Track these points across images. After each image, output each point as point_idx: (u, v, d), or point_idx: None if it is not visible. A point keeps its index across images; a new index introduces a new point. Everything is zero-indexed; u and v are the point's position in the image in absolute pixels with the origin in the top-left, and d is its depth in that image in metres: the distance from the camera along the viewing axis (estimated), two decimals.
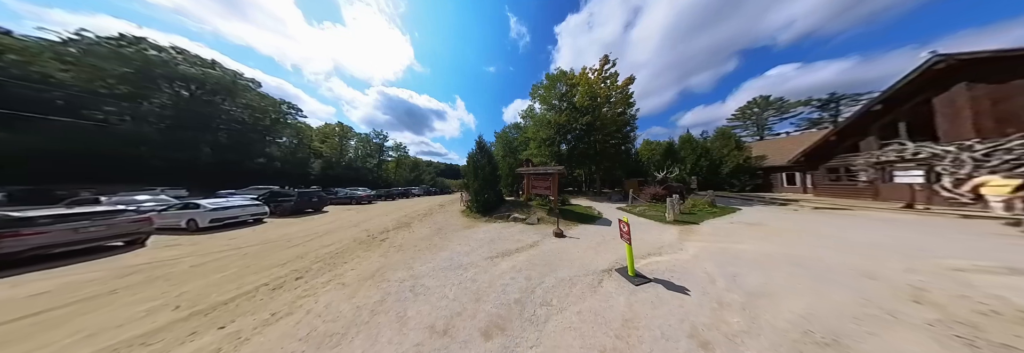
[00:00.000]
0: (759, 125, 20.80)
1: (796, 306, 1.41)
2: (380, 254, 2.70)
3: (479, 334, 1.27)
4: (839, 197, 6.71)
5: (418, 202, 10.84)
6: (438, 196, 18.63)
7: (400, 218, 5.41)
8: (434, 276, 2.07)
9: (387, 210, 7.41)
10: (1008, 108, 4.12)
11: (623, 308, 1.44)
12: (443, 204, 8.92)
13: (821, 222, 3.88)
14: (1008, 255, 2.13)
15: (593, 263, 2.24)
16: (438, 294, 1.74)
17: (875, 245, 2.56)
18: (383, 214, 6.33)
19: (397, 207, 8.38)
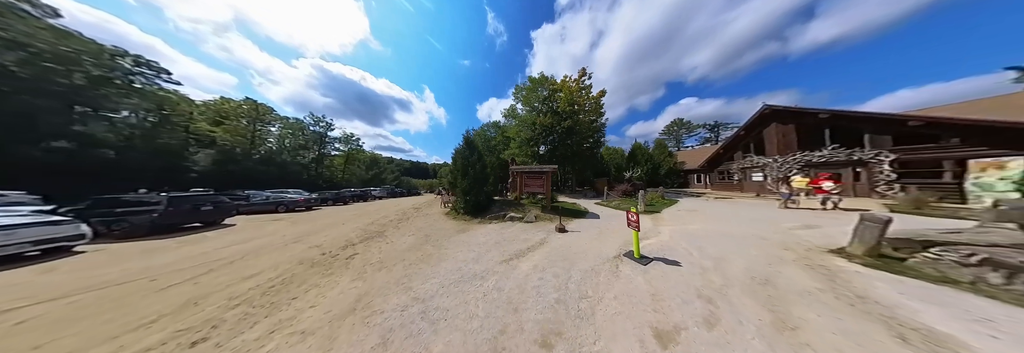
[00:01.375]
0: (677, 139, 28.91)
1: (739, 263, 2.14)
2: (353, 277, 2.08)
3: (538, 347, 1.12)
4: (724, 190, 10.51)
5: (383, 206, 9.44)
6: (406, 198, 16.54)
7: (366, 227, 4.52)
8: (447, 294, 1.68)
9: (342, 217, 6.10)
10: (790, 139, 7.88)
11: (645, 285, 1.72)
12: (418, 206, 8.09)
13: (722, 207, 5.75)
14: (804, 219, 3.93)
15: (603, 252, 2.51)
16: (463, 315, 1.40)
17: (754, 220, 4.07)
18: (338, 223, 5.15)
19: (356, 213, 6.95)
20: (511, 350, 1.12)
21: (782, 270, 1.95)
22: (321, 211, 7.88)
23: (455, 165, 6.01)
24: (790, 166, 7.38)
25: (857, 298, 1.51)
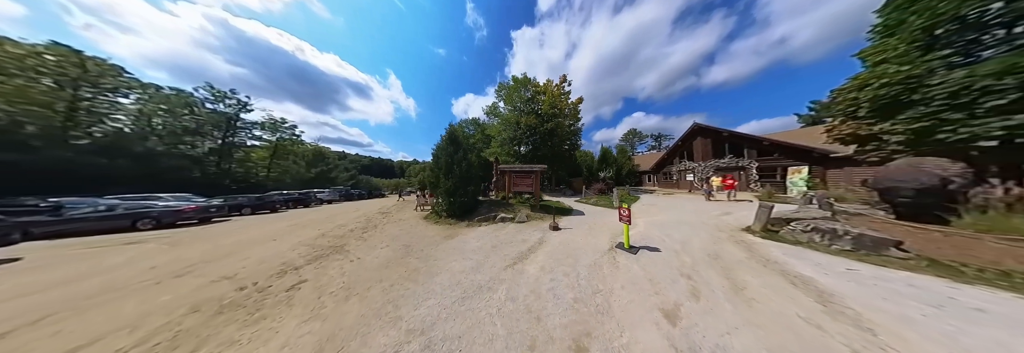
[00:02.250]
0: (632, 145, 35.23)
1: (696, 244, 2.81)
2: (304, 316, 1.45)
3: (568, 348, 1.13)
4: (667, 187, 13.55)
5: (336, 211, 7.70)
6: (367, 200, 14.01)
7: (314, 241, 3.55)
8: (453, 317, 1.39)
9: (271, 230, 4.55)
10: (708, 149, 10.75)
11: (641, 272, 2.00)
12: (386, 210, 6.97)
13: (670, 201, 7.19)
14: (722, 208, 5.29)
15: (598, 246, 2.76)
16: (481, 339, 1.20)
17: (694, 210, 5.34)
18: (264, 239, 3.76)
19: (295, 223, 5.40)
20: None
21: (722, 246, 2.68)
22: (232, 224, 5.80)
23: (437, 163, 5.44)
24: (708, 169, 10.20)
25: (766, 260, 2.24)
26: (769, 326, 1.30)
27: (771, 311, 1.45)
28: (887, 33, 3.75)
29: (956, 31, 3.22)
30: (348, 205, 10.40)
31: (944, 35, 3.29)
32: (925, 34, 3.35)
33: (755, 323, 1.33)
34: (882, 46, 3.71)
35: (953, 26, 3.21)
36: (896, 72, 3.34)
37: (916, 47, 3.40)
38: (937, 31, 3.30)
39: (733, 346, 1.16)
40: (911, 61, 3.36)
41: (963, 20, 3.14)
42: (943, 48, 3.30)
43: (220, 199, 7.29)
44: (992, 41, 3.08)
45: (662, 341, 1.18)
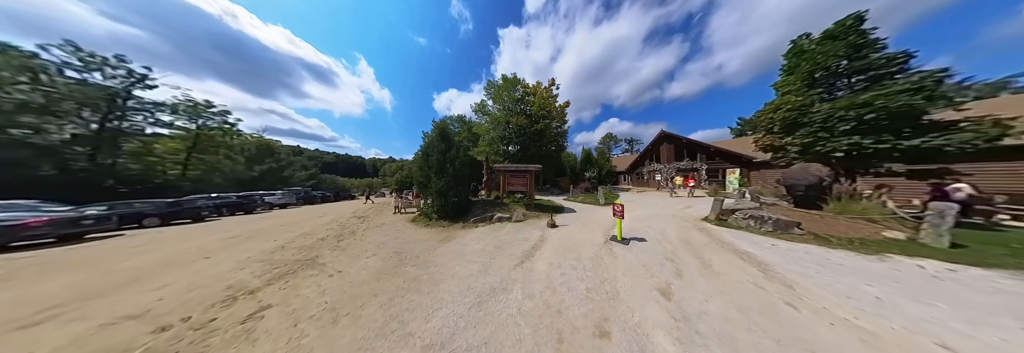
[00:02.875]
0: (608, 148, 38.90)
1: (671, 232, 3.41)
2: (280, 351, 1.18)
3: (599, 338, 1.20)
4: (640, 186, 15.47)
5: (294, 217, 6.67)
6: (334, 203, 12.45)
7: (269, 257, 2.79)
8: (472, 324, 1.33)
9: (191, 247, 3.43)
10: (671, 153, 12.81)
11: (635, 260, 2.35)
12: (362, 214, 6.34)
13: (645, 198, 8.49)
14: (685, 203, 6.42)
15: (595, 240, 3.08)
16: (509, 340, 1.19)
17: (665, 205, 6.31)
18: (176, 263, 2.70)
19: (231, 236, 4.17)
20: (579, 349, 1.14)
21: (690, 233, 3.32)
22: (128, 240, 4.18)
23: (427, 161, 5.16)
24: (672, 170, 12.15)
25: (722, 243, 2.89)
26: (732, 292, 1.75)
27: (731, 280, 1.94)
28: (789, 72, 5.06)
29: (825, 76, 4.57)
30: (310, 209, 9.09)
31: (819, 78, 4.62)
32: (809, 76, 4.64)
33: (722, 291, 1.77)
34: (786, 81, 5.02)
35: (824, 72, 4.54)
36: (794, 101, 4.58)
37: (805, 84, 4.69)
38: (816, 74, 4.60)
39: (711, 310, 1.53)
40: (802, 94, 4.65)
41: (828, 69, 4.49)
42: (818, 87, 4.65)
43: (101, 206, 5.23)
44: (843, 85, 4.53)
45: (664, 314, 1.46)
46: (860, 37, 4.24)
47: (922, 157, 3.68)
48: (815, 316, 1.44)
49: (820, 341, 1.21)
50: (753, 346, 1.19)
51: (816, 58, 4.54)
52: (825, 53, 4.42)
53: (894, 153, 3.76)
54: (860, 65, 4.23)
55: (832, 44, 4.42)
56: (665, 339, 1.24)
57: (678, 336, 1.25)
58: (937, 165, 3.73)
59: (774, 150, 5.26)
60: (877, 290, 1.69)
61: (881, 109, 3.64)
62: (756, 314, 1.46)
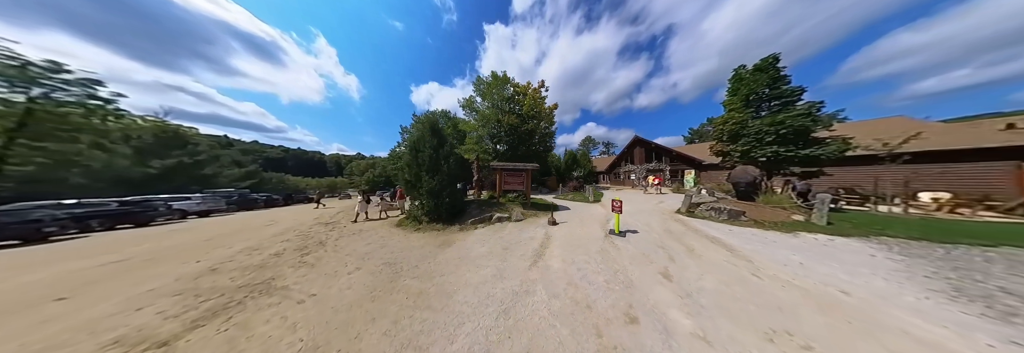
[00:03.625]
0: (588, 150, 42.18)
1: (656, 224, 3.97)
2: None
3: (630, 323, 1.33)
4: (617, 185, 17.25)
5: (225, 228, 5.08)
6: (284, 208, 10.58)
7: (192, 285, 2.07)
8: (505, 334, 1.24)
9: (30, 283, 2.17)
10: (643, 155, 14.81)
11: (635, 250, 2.70)
12: (330, 221, 5.40)
13: (625, 195, 9.50)
14: (659, 199, 7.52)
15: (595, 234, 3.37)
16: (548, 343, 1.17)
17: (643, 201, 7.18)
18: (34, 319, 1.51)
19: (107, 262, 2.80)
20: (619, 339, 1.19)
21: (670, 224, 3.92)
22: None
23: (416, 158, 4.73)
24: (643, 171, 14.01)
25: (696, 231, 3.51)
26: (714, 270, 2.19)
27: (711, 260, 2.40)
28: (733, 93, 6.49)
29: (755, 99, 6.10)
30: (249, 217, 7.27)
31: (752, 100, 6.13)
32: (746, 98, 6.12)
33: (707, 270, 2.19)
34: (731, 100, 6.47)
35: (755, 96, 6.08)
36: (737, 117, 6.02)
37: (743, 104, 6.16)
38: (750, 97, 6.10)
39: (705, 286, 1.89)
40: (741, 111, 6.11)
41: (757, 94, 6.04)
42: (751, 107, 6.17)
43: None
44: (766, 107, 6.14)
45: (671, 294, 1.73)
46: (777, 72, 6.01)
47: (809, 162, 5.33)
48: (771, 282, 1.94)
49: (780, 300, 1.65)
50: (742, 311, 1.53)
51: (750, 85, 6.07)
52: (755, 81, 5.98)
53: (795, 159, 5.36)
54: (776, 93, 5.99)
55: (760, 75, 5.97)
56: (680, 315, 1.47)
57: (688, 311, 1.50)
58: (816, 168, 5.51)
59: (723, 155, 6.82)
60: (799, 258, 2.39)
61: (788, 127, 5.40)
62: (735, 286, 1.87)
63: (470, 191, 7.68)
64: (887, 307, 1.52)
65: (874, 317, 1.42)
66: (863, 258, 2.30)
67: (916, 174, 5.42)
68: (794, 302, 1.61)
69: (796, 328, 1.33)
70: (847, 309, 1.50)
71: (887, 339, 1.23)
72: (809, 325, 1.36)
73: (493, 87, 13.92)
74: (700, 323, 1.38)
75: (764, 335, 1.29)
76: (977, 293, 1.65)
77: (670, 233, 3.41)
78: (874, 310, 1.48)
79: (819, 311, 1.49)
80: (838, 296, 1.67)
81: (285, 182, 20.83)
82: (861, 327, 1.33)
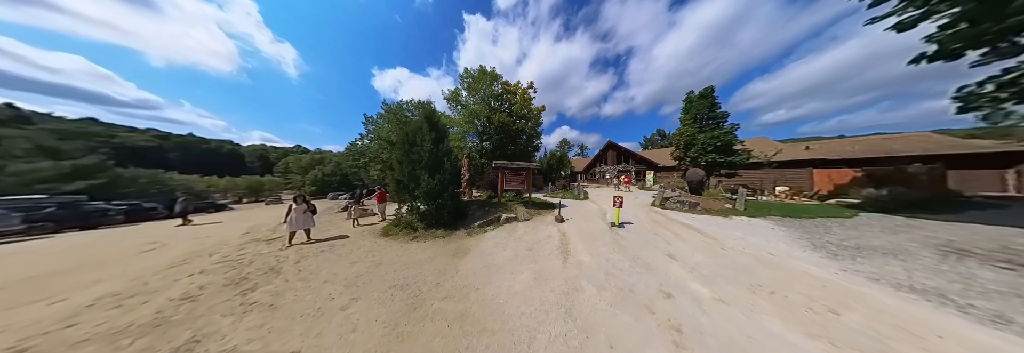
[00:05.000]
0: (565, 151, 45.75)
1: (643, 217, 4.89)
2: None
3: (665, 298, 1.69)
4: (594, 184, 19.39)
5: (59, 260, 3.09)
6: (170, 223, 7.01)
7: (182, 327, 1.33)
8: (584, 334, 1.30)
9: None
10: (615, 158, 17.44)
11: (638, 238, 3.26)
12: (266, 234, 4.15)
13: (602, 192, 10.98)
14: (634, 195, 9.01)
15: (601, 227, 3.81)
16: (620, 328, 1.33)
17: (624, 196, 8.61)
18: None
19: None
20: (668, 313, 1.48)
21: (652, 216, 4.87)
22: None
23: (409, 154, 4.10)
24: (615, 171, 16.42)
25: (672, 220, 4.50)
26: (699, 248, 2.95)
27: (694, 241, 3.19)
28: (686, 111, 8.84)
29: (700, 117, 8.55)
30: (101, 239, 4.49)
31: (698, 118, 8.47)
32: (694, 117, 8.44)
33: (694, 248, 2.93)
34: (684, 118, 8.85)
35: (700, 115, 8.37)
36: (688, 131, 8.20)
37: (692, 121, 8.46)
38: (697, 116, 8.43)
39: (698, 260, 2.55)
40: (691, 127, 8.33)
41: (702, 114, 8.44)
42: (697, 124, 8.55)
43: None
44: (706, 125, 8.59)
45: (682, 270, 2.25)
46: (713, 99, 8.46)
47: (732, 166, 7.84)
48: (733, 252, 2.77)
49: (743, 264, 2.42)
50: (728, 276, 2.17)
51: (697, 107, 8.49)
52: (700, 105, 8.43)
53: (725, 164, 7.80)
54: (712, 114, 8.38)
55: (703, 100, 8.47)
56: (697, 285, 1.94)
57: (701, 282, 1.99)
58: (734, 170, 7.74)
59: (679, 159, 9.04)
60: (740, 234, 3.47)
61: (720, 141, 7.63)
62: (715, 258, 2.60)
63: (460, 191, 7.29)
64: (791, 259, 2.45)
65: (788, 265, 2.30)
66: (767, 231, 3.53)
67: (778, 175, 8.69)
68: (750, 264, 2.41)
69: (760, 281, 2.04)
70: (776, 263, 2.36)
71: (799, 277, 2.05)
72: (765, 277, 2.11)
73: (481, 82, 13.43)
74: (712, 289, 1.85)
75: (748, 289, 1.92)
76: (821, 245, 2.85)
77: (656, 223, 4.26)
78: (786, 262, 2.38)
79: (764, 267, 2.32)
80: (768, 257, 2.59)
81: (166, 182, 14.40)
82: (787, 273, 2.14)
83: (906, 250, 2.47)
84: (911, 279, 1.90)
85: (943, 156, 6.93)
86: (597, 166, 19.47)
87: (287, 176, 27.39)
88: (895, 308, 1.52)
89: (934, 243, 2.62)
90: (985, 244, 2.54)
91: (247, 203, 19.57)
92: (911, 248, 2.52)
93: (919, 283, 1.83)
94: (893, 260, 2.26)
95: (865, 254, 2.42)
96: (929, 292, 1.69)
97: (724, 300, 1.71)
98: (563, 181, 12.36)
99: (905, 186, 5.03)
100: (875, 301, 1.60)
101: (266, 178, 25.01)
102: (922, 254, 2.36)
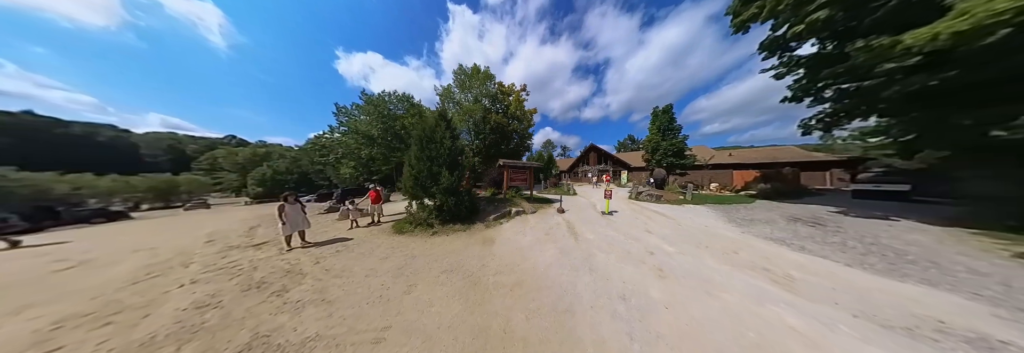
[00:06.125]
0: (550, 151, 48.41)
1: (624, 207, 6.22)
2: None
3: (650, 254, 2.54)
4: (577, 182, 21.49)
5: None
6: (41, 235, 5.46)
7: None
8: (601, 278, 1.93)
9: None
10: (596, 158, 19.91)
11: (625, 221, 4.38)
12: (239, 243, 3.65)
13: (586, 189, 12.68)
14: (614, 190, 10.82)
15: (595, 216, 4.86)
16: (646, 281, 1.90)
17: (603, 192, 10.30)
18: None
19: None
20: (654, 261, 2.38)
21: (631, 206, 6.26)
22: None
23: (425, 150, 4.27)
24: (596, 171, 18.66)
25: (646, 208, 5.92)
26: (667, 226, 4.21)
27: (661, 221, 4.49)
28: (653, 123, 11.42)
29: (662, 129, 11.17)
30: None
31: (662, 128, 11.04)
32: (659, 127, 10.96)
33: (662, 226, 4.18)
34: (652, 127, 11.43)
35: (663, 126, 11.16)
36: (655, 139, 10.74)
37: (657, 131, 11.03)
38: (661, 128, 11.04)
39: (667, 233, 3.73)
40: (657, 135, 10.86)
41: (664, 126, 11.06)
42: (661, 133, 11.10)
43: None
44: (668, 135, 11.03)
45: (657, 239, 3.35)
46: (672, 115, 11.00)
47: (684, 168, 10.49)
48: (689, 227, 4.08)
49: (692, 233, 3.68)
50: (687, 240, 3.32)
51: (661, 119, 10.91)
52: (663, 118, 10.92)
53: (679, 166, 10.28)
54: (671, 126, 10.93)
55: (664, 115, 11.02)
56: (666, 246, 3.05)
57: (668, 244, 3.12)
58: (686, 171, 10.06)
59: (648, 161, 11.32)
60: (689, 216, 4.95)
61: (676, 147, 10.06)
62: (678, 231, 3.83)
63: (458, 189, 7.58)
64: (717, 229, 3.83)
65: (716, 232, 3.60)
66: (705, 213, 5.11)
67: (713, 174, 11.72)
68: (696, 233, 3.68)
69: (701, 241, 3.23)
70: (709, 231, 3.67)
71: (721, 238, 3.29)
72: (703, 239, 3.34)
73: (475, 80, 13.59)
74: (676, 248, 2.99)
75: (695, 246, 3.06)
76: (733, 220, 4.39)
77: (635, 211, 5.54)
78: (715, 230, 3.72)
79: (703, 234, 3.61)
80: (705, 228, 3.96)
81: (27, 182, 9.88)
82: (715, 236, 3.40)
83: (773, 220, 4.17)
84: (772, 234, 3.36)
85: (798, 162, 11.02)
86: (580, 166, 21.55)
87: (214, 175, 21.48)
88: (763, 248, 2.81)
89: (787, 216, 4.42)
90: (807, 215, 4.48)
91: (149, 210, 14.22)
92: (776, 218, 4.24)
93: (775, 236, 3.26)
94: (766, 226, 3.81)
95: (754, 223, 3.99)
96: (779, 240, 3.07)
97: (683, 253, 2.78)
98: (553, 179, 13.56)
99: (780, 182, 7.73)
100: (755, 246, 2.86)
101: (183, 177, 19.15)
102: (780, 221, 4.05)
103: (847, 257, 2.38)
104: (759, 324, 1.35)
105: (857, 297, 1.62)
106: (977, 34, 2.36)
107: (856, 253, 2.48)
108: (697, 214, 5.08)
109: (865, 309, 1.48)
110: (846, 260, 2.31)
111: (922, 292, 1.68)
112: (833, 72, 3.86)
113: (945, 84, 2.94)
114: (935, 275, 1.93)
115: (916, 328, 1.29)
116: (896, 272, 2.01)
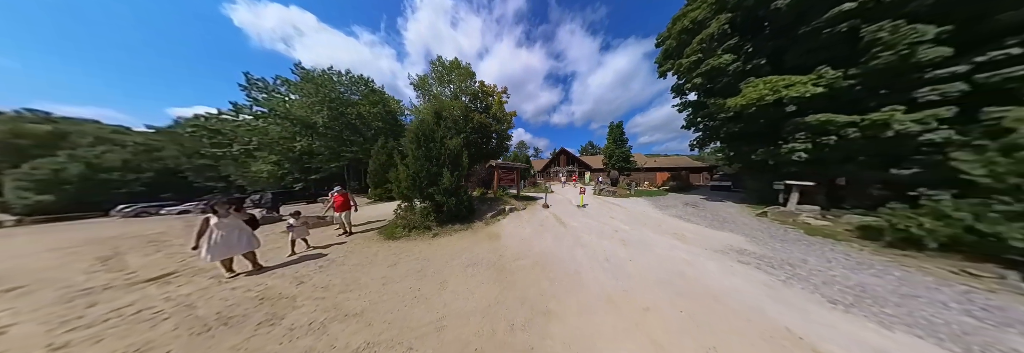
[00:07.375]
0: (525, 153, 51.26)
1: (593, 201, 8.06)
2: None
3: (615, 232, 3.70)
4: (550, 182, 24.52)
5: None
6: None
7: None
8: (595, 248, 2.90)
9: None
10: (565, 160, 23.33)
11: (598, 211, 5.88)
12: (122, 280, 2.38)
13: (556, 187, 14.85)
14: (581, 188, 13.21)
15: (573, 209, 6.21)
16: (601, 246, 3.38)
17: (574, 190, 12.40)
18: None
19: None
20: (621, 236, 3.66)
21: (598, 200, 8.21)
22: None
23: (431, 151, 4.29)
24: (565, 172, 21.61)
25: (608, 201, 7.95)
26: (622, 213, 6.00)
27: (618, 211, 6.30)
28: (610, 134, 14.90)
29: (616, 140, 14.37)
30: None
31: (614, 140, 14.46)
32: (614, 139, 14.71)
33: (620, 213, 5.94)
34: (609, 137, 14.79)
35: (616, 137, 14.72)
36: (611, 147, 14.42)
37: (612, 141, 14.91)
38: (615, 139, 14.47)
39: (623, 218, 5.42)
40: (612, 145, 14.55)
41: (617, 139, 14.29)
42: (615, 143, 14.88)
43: None
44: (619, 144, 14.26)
45: (619, 222, 4.70)
46: (622, 129, 14.71)
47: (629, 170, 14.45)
48: (636, 212, 6.00)
49: (638, 217, 5.51)
50: (639, 221, 4.97)
51: (614, 132, 14.50)
52: (616, 131, 14.69)
53: (626, 169, 13.83)
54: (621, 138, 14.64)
55: (618, 129, 14.51)
56: (624, 227, 4.38)
57: (627, 225, 4.62)
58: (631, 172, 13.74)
59: (605, 164, 14.26)
60: (634, 205, 7.11)
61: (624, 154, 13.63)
62: (631, 216, 5.58)
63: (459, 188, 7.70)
64: (650, 213, 5.96)
65: (651, 215, 5.58)
66: (643, 203, 7.45)
67: (646, 175, 16.39)
68: (640, 216, 5.52)
69: (644, 222, 4.97)
70: (647, 215, 5.65)
71: (653, 218, 5.21)
72: (645, 220, 5.13)
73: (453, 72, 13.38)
74: (630, 227, 4.42)
75: (641, 225, 4.69)
76: (658, 206, 6.78)
77: (600, 204, 7.33)
78: (650, 214, 5.71)
79: (644, 217, 5.50)
80: (644, 212, 5.96)
81: None
82: (651, 217, 5.33)
83: (676, 205, 6.66)
84: (677, 213, 5.55)
85: (689, 167, 17.60)
86: (552, 167, 24.31)
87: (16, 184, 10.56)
88: (673, 222, 4.69)
89: (683, 202, 7.34)
90: (692, 201, 7.42)
91: None
92: (677, 204, 6.93)
93: (678, 214, 5.47)
94: (673, 209, 6.11)
95: (668, 208, 6.30)
96: (680, 216, 5.20)
97: (633, 229, 4.28)
98: (532, 179, 14.98)
99: (680, 181, 12.54)
100: (668, 222, 4.73)
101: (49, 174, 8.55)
102: (679, 206, 6.58)
103: (706, 223, 4.59)
104: (672, 260, 2.62)
105: (708, 240, 3.44)
106: (748, 105, 4.95)
107: (709, 220, 4.75)
108: (638, 204, 7.34)
109: (711, 245, 3.18)
110: (706, 224, 4.46)
111: (726, 235, 3.70)
112: (703, 113, 6.94)
113: (741, 129, 5.97)
114: (732, 227, 4.25)
115: (725, 250, 3.00)
116: (723, 228, 4.17)
